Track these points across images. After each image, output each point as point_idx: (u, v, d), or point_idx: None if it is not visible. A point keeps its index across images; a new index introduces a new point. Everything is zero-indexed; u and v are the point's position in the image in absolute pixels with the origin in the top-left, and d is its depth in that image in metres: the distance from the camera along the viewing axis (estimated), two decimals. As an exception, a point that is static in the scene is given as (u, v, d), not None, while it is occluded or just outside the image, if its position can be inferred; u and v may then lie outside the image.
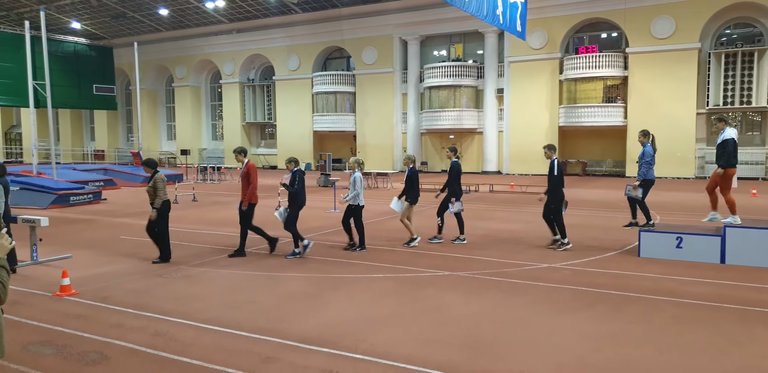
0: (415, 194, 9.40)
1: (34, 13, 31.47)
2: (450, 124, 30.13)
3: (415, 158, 9.77)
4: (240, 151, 8.95)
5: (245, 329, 5.34)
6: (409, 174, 9.42)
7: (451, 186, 9.76)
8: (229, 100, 37.67)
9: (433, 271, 7.74)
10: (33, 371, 4.38)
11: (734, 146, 8.27)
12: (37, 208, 15.17)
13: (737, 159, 8.34)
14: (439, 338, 5.10)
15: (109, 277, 7.49)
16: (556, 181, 8.92)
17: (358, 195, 8.96)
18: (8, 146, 46.52)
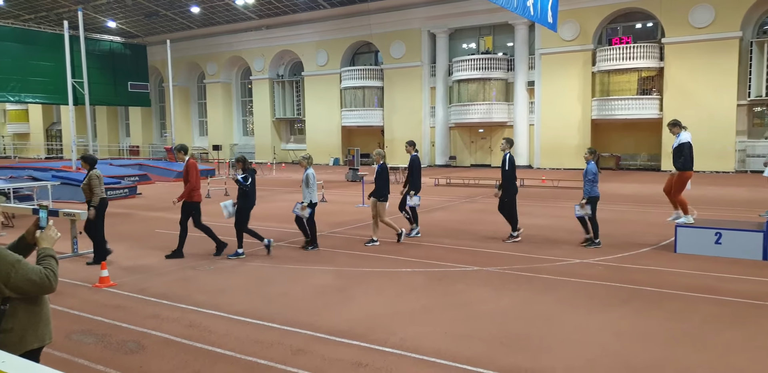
0: (385, 191, 9.20)
1: (72, 13, 32.26)
2: (479, 117, 29.88)
3: (384, 154, 9.63)
4: (180, 149, 8.69)
5: (276, 321, 5.41)
6: (378, 170, 9.24)
7: (411, 180, 9.81)
8: (259, 96, 38.05)
9: (462, 266, 7.71)
10: (76, 359, 4.52)
11: (690, 150, 8.51)
12: (76, 202, 15.60)
13: (693, 163, 8.60)
14: (469, 333, 5.09)
15: (145, 269, 7.68)
16: (508, 175, 9.17)
17: (311, 193, 8.75)
18: (49, 143, 47.91)
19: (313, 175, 8.89)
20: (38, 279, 2.60)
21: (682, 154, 8.54)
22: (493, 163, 30.79)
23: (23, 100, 32.81)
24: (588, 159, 8.96)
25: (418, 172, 9.83)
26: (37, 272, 2.61)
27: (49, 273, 2.64)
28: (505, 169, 9.17)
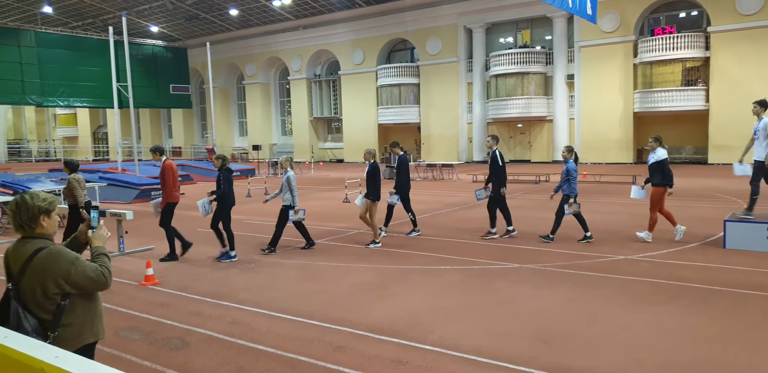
0: (377, 190, 8.98)
1: (116, 19, 33.28)
2: (518, 112, 29.47)
3: (375, 152, 9.41)
4: (155, 150, 8.68)
5: (316, 318, 5.46)
6: (369, 169, 9.03)
7: (399, 179, 9.65)
8: (297, 96, 38.46)
9: (502, 263, 7.62)
10: (124, 355, 4.66)
11: (666, 166, 8.53)
12: (122, 202, 16.10)
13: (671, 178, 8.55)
14: (510, 331, 5.02)
15: (188, 267, 7.86)
16: (500, 171, 9.18)
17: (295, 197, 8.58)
18: (96, 145, 49.59)
19: (294, 178, 8.62)
20: (95, 276, 2.72)
21: (660, 170, 8.53)
22: (533, 158, 30.33)
23: (72, 105, 34.05)
24: (566, 157, 8.98)
25: (405, 172, 9.70)
26: (93, 269, 2.73)
27: (105, 270, 2.76)
28: (497, 165, 9.17)
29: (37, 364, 2.03)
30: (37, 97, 30.87)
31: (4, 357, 2.18)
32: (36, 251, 2.65)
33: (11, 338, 2.25)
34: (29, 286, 2.64)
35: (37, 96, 30.69)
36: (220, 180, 8.22)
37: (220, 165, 8.33)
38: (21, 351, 2.11)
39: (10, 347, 2.16)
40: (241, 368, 4.36)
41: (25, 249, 2.67)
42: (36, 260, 2.63)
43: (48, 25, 35.16)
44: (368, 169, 9.06)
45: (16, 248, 2.73)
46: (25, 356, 2.08)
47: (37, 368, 2.02)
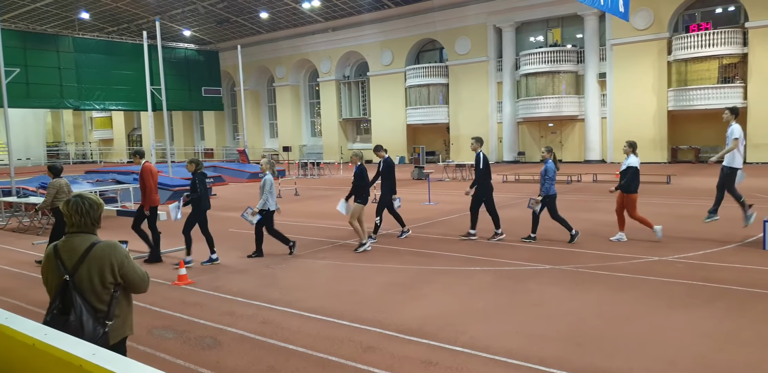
0: (365, 194, 8.70)
1: (150, 24, 34.02)
2: (548, 111, 29.12)
3: (362, 155, 9.09)
4: (135, 153, 8.69)
5: (346, 318, 5.48)
6: (356, 173, 8.76)
7: (387, 183, 9.44)
8: (326, 98, 38.70)
9: (533, 264, 7.54)
10: (158, 353, 4.75)
11: (636, 173, 8.61)
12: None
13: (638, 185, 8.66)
14: (542, 333, 4.96)
15: (220, 267, 7.97)
16: (482, 174, 9.09)
17: (268, 200, 8.31)
18: (130, 147, 50.72)
19: (271, 182, 8.38)
20: (142, 274, 3.00)
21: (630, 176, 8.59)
22: (564, 158, 29.92)
23: (107, 108, 34.89)
24: (545, 157, 8.96)
25: (392, 175, 9.51)
26: (140, 269, 3.01)
27: (147, 275, 3.04)
28: (479, 168, 9.10)
29: (76, 361, 2.08)
30: (75, 101, 31.73)
31: (45, 354, 2.24)
32: (92, 243, 2.86)
33: (51, 335, 2.32)
34: (87, 276, 2.81)
35: (74, 100, 31.55)
36: (195, 184, 8.07)
37: (194, 169, 8.20)
38: (60, 348, 2.17)
39: (50, 344, 2.22)
40: (272, 367, 4.40)
41: (80, 242, 2.86)
42: (95, 250, 2.84)
43: (85, 30, 36.14)
44: (355, 173, 8.76)
45: (69, 242, 2.88)
46: (65, 353, 2.14)
47: (75, 365, 2.08)
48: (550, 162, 8.91)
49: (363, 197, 8.71)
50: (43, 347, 2.26)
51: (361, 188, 8.68)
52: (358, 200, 8.69)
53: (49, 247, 2.95)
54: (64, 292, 2.81)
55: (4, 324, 2.51)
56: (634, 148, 8.82)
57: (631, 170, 8.61)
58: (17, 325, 2.50)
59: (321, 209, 14.21)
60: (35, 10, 35.63)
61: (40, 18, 36.90)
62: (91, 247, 2.85)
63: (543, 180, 8.84)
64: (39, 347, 2.28)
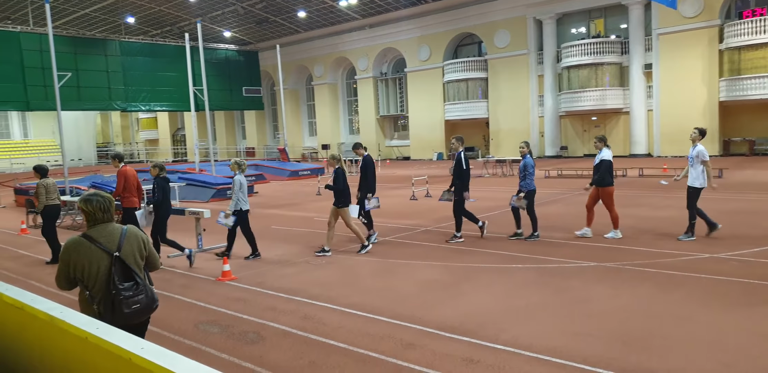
0: (343, 198, 8.43)
1: (192, 26, 34.79)
2: (592, 104, 28.44)
3: (339, 158, 8.60)
4: (114, 157, 8.77)
5: (386, 315, 5.49)
6: (334, 176, 8.48)
7: (365, 182, 9.09)
8: (364, 95, 38.81)
9: (576, 261, 7.38)
10: (203, 347, 4.86)
11: (609, 167, 8.54)
12: (199, 201, 16.82)
13: (613, 178, 8.67)
14: (587, 332, 4.85)
15: (262, 263, 8.10)
16: (464, 174, 8.89)
17: (239, 200, 8.23)
18: (175, 147, 52.09)
19: (241, 182, 8.28)
20: (157, 255, 3.69)
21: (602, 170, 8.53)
22: (607, 152, 29.18)
23: (153, 109, 35.95)
24: (524, 153, 8.83)
25: (372, 173, 9.17)
26: (156, 252, 3.68)
27: None
28: (461, 169, 8.89)
29: (125, 354, 2.14)
30: (122, 103, 32.74)
31: (96, 347, 2.32)
32: (122, 228, 3.44)
33: (102, 329, 2.40)
34: (130, 251, 3.39)
35: (121, 101, 32.56)
36: (155, 189, 8.02)
37: (156, 174, 8.16)
38: (111, 342, 2.24)
39: (101, 337, 2.29)
40: (313, 362, 4.44)
41: (112, 229, 3.40)
42: (129, 232, 3.43)
43: (130, 34, 37.25)
44: (334, 176, 8.48)
45: (102, 230, 3.37)
46: (115, 346, 2.21)
47: (125, 359, 2.14)
48: (529, 157, 8.90)
49: (344, 200, 8.43)
50: (95, 341, 2.33)
51: (340, 192, 8.39)
52: (340, 204, 8.41)
53: (76, 239, 3.31)
54: (117, 266, 3.30)
55: (59, 318, 2.61)
56: (605, 142, 8.76)
57: (604, 164, 8.52)
58: (71, 318, 2.59)
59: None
60: (85, 16, 36.89)
61: (89, 24, 38.20)
62: (124, 230, 3.42)
63: (523, 175, 8.80)
64: (91, 341, 2.36)
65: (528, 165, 8.80)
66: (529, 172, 8.78)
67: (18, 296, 2.98)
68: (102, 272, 3.28)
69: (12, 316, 3.05)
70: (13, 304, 2.96)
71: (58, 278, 3.38)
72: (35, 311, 2.76)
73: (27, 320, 2.88)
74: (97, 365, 2.37)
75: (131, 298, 3.28)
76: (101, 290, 3.28)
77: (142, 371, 2.05)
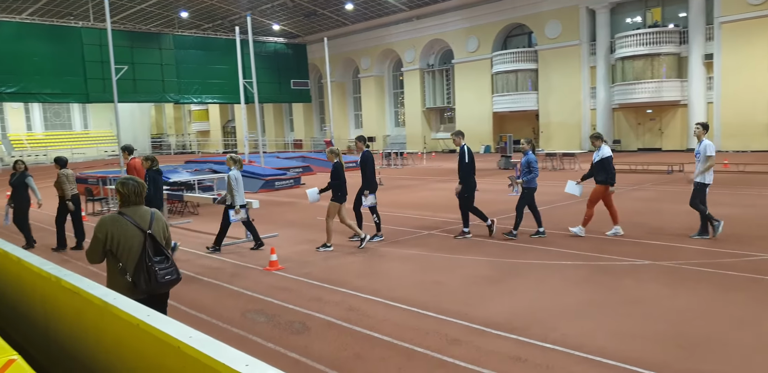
0: (340, 193, 8.31)
1: (242, 19, 35.32)
2: (647, 97, 27.42)
3: (339, 152, 8.52)
4: (124, 149, 8.93)
5: (432, 309, 5.43)
6: (332, 170, 8.42)
7: (365, 177, 8.82)
8: (410, 87, 38.61)
9: (630, 259, 7.13)
10: (250, 336, 4.93)
11: (611, 164, 8.45)
12: (248, 192, 17.12)
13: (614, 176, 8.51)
14: (640, 333, 4.67)
15: (308, 254, 8.17)
16: (467, 169, 8.63)
17: (237, 194, 8.28)
18: (225, 138, 53.24)
19: (236, 178, 8.33)
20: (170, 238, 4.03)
21: (604, 168, 8.43)
22: (664, 146, 28.17)
23: (204, 101, 36.79)
24: (525, 149, 8.60)
25: (371, 169, 8.88)
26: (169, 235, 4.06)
27: None
28: (464, 163, 8.62)
29: (174, 342, 2.16)
30: (175, 95, 33.63)
31: (146, 334, 2.35)
32: (150, 210, 3.87)
33: (153, 316, 2.43)
34: (158, 230, 3.83)
35: (174, 94, 33.45)
36: (147, 182, 8.05)
37: (149, 166, 8.14)
38: (161, 329, 2.27)
39: (152, 325, 2.33)
40: (357, 354, 4.44)
41: (144, 211, 3.82)
42: (156, 215, 3.87)
43: (183, 28, 38.15)
44: (333, 169, 8.42)
45: (136, 211, 3.79)
46: (164, 334, 2.24)
47: (173, 346, 2.16)
48: (531, 153, 8.68)
49: (339, 195, 8.34)
50: (145, 328, 2.38)
51: (337, 186, 8.34)
52: (334, 198, 8.35)
53: (113, 215, 3.73)
54: (149, 242, 3.73)
55: (113, 304, 2.67)
56: (602, 139, 8.66)
57: (606, 161, 8.45)
58: (124, 305, 2.65)
59: (405, 198, 14.22)
60: (141, 11, 38.00)
61: (145, 18, 39.33)
62: (152, 212, 3.87)
63: (527, 171, 8.57)
64: (142, 327, 2.40)
65: (531, 161, 8.62)
66: (533, 167, 8.61)
67: (75, 282, 3.07)
68: (136, 246, 3.68)
69: (70, 301, 3.15)
70: (71, 289, 3.06)
71: (92, 252, 3.70)
72: (90, 297, 2.84)
73: (83, 305, 2.97)
74: (147, 351, 2.41)
75: (164, 270, 3.71)
76: (134, 262, 3.67)
77: (190, 359, 2.07)
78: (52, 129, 47.37)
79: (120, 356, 2.71)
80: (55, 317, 3.57)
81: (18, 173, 9.16)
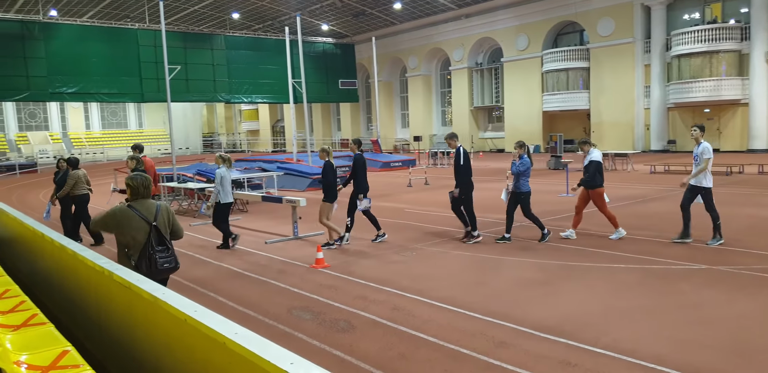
0: (330, 193, 8.44)
1: (292, 20, 35.85)
2: (705, 96, 26.31)
3: (330, 150, 8.65)
4: (135, 148, 9.32)
5: (478, 311, 5.34)
6: (323, 169, 8.49)
7: (357, 181, 8.71)
8: (458, 86, 38.30)
9: (686, 263, 6.83)
10: (296, 333, 4.97)
11: (598, 167, 8.37)
12: (296, 190, 17.34)
13: (603, 178, 8.46)
14: (697, 339, 4.46)
15: (353, 252, 8.19)
16: (463, 170, 8.49)
17: (219, 192, 8.36)
18: (275, 137, 54.16)
19: (224, 176, 8.45)
20: (181, 227, 4.53)
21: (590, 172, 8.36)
22: (722, 147, 26.98)
23: (254, 101, 37.48)
24: (520, 153, 8.37)
25: (363, 172, 8.82)
26: (179, 224, 4.52)
27: None
28: (459, 164, 8.48)
29: (220, 338, 2.18)
30: (226, 95, 34.41)
31: (194, 329, 2.38)
32: (157, 203, 4.30)
33: (200, 312, 2.46)
34: (163, 222, 4.27)
35: (225, 93, 34.23)
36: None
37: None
38: (208, 325, 2.29)
39: (199, 321, 2.35)
40: (402, 355, 4.40)
41: (150, 204, 4.26)
42: (161, 207, 4.31)
43: (235, 29, 38.99)
44: (323, 169, 8.54)
45: (143, 204, 4.22)
46: (211, 330, 2.26)
47: (219, 342, 2.18)
48: (526, 157, 8.44)
49: (329, 195, 8.47)
50: (193, 323, 2.40)
51: (327, 185, 8.45)
52: (326, 198, 8.49)
53: (123, 207, 4.16)
54: (153, 233, 4.16)
55: (162, 299, 2.72)
56: (591, 144, 8.67)
57: (593, 165, 8.36)
58: (173, 300, 2.70)
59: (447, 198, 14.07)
60: (194, 13, 39.07)
61: (198, 19, 40.42)
62: (158, 205, 4.30)
63: (522, 174, 8.36)
64: (190, 323, 2.43)
65: (525, 164, 8.42)
66: (528, 172, 8.44)
67: (126, 276, 3.15)
68: (141, 236, 4.13)
69: (121, 294, 3.24)
70: (122, 283, 3.14)
71: (97, 223, 4.23)
72: (140, 291, 2.91)
73: (133, 299, 3.04)
74: (194, 347, 2.44)
75: (164, 258, 4.18)
76: (138, 251, 4.13)
77: (235, 356, 2.08)
78: (109, 128, 49.32)
79: (169, 350, 2.76)
80: (107, 311, 3.68)
81: (62, 171, 9.55)
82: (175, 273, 7.47)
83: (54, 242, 4.73)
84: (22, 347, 2.54)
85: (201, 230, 10.58)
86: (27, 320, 2.87)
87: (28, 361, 2.38)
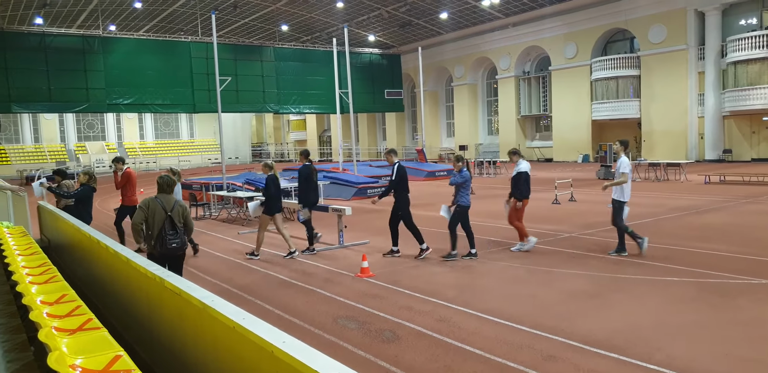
0: (271, 205, 8.60)
1: (339, 31, 36.36)
2: (763, 103, 25.21)
3: (272, 165, 8.82)
4: (117, 160, 9.59)
5: (525, 323, 5.23)
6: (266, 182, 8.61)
7: (301, 192, 8.94)
8: (505, 95, 37.93)
9: (745, 277, 6.52)
10: (341, 342, 4.98)
11: (526, 179, 8.54)
12: (342, 199, 17.48)
13: (530, 191, 8.59)
14: (758, 358, 4.24)
15: (398, 262, 8.17)
16: (401, 186, 8.59)
17: None
18: (321, 147, 54.87)
19: None
20: (192, 223, 5.72)
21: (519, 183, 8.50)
22: (783, 156, 25.74)
23: (302, 111, 38.18)
24: (460, 167, 8.21)
25: (308, 184, 8.93)
26: (191, 220, 5.70)
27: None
28: (392, 180, 8.61)
29: (268, 347, 2.20)
30: (275, 105, 35.16)
31: (242, 337, 2.42)
32: (175, 199, 5.57)
33: (248, 320, 2.50)
34: (177, 213, 5.49)
35: (274, 104, 34.97)
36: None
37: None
38: (256, 333, 2.32)
39: (247, 328, 2.39)
40: (448, 367, 4.35)
41: (170, 198, 5.55)
42: (178, 202, 5.56)
43: (283, 41, 39.87)
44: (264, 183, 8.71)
45: (165, 198, 5.50)
46: (259, 338, 2.28)
47: (267, 351, 2.20)
48: (466, 171, 8.29)
49: (270, 207, 8.63)
50: (241, 331, 2.44)
51: (269, 198, 8.65)
52: (266, 211, 8.68)
53: (152, 199, 5.45)
54: (168, 220, 5.40)
55: (211, 306, 2.77)
56: (519, 155, 8.87)
57: (522, 176, 8.51)
58: (222, 308, 2.75)
59: (496, 208, 13.89)
60: (244, 25, 40.17)
61: (248, 32, 41.52)
62: (176, 201, 5.54)
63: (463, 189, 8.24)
64: (238, 330, 2.47)
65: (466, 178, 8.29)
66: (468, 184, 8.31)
67: (177, 283, 3.23)
68: (159, 221, 5.39)
69: (172, 301, 3.32)
70: (173, 290, 3.22)
71: (138, 215, 5.42)
72: (190, 298, 2.98)
73: (183, 306, 3.11)
74: (242, 354, 2.48)
75: (172, 239, 5.41)
76: (156, 232, 5.39)
77: (283, 365, 2.09)
78: (162, 138, 51.02)
79: (217, 357, 2.81)
80: (158, 317, 3.78)
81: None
82: (219, 277, 7.70)
83: (108, 249, 4.91)
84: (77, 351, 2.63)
85: (249, 238, 10.78)
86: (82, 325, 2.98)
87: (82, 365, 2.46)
